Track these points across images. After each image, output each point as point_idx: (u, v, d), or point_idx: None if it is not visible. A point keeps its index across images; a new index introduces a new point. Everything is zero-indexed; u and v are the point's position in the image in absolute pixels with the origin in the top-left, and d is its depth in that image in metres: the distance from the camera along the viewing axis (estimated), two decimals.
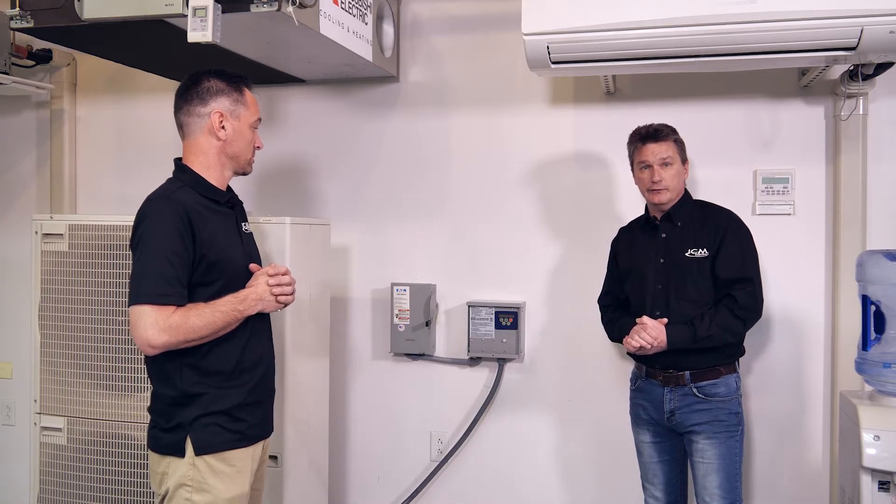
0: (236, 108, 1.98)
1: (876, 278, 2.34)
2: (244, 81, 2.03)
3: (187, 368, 1.89)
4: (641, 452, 2.51)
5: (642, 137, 2.40)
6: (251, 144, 2.03)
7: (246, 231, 2.09)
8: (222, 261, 1.92)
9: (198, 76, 1.99)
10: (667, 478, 2.48)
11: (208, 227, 1.90)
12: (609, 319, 2.56)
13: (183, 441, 1.87)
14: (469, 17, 3.05)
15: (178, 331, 1.81)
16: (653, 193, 2.39)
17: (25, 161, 3.56)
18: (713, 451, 2.32)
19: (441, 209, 3.10)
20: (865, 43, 2.12)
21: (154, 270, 1.81)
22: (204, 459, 1.87)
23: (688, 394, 2.35)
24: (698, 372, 2.34)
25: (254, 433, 2.00)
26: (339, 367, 3.15)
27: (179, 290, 1.83)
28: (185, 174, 1.97)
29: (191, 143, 1.98)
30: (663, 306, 2.37)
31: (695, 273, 2.35)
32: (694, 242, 2.37)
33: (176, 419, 1.89)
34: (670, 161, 2.36)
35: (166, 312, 1.80)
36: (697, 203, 2.48)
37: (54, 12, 2.27)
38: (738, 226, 2.40)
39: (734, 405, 2.36)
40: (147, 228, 1.85)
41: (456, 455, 3.07)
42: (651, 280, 2.41)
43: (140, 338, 1.81)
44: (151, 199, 1.92)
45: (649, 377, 2.43)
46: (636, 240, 2.52)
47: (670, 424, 2.39)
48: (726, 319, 2.31)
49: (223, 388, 1.92)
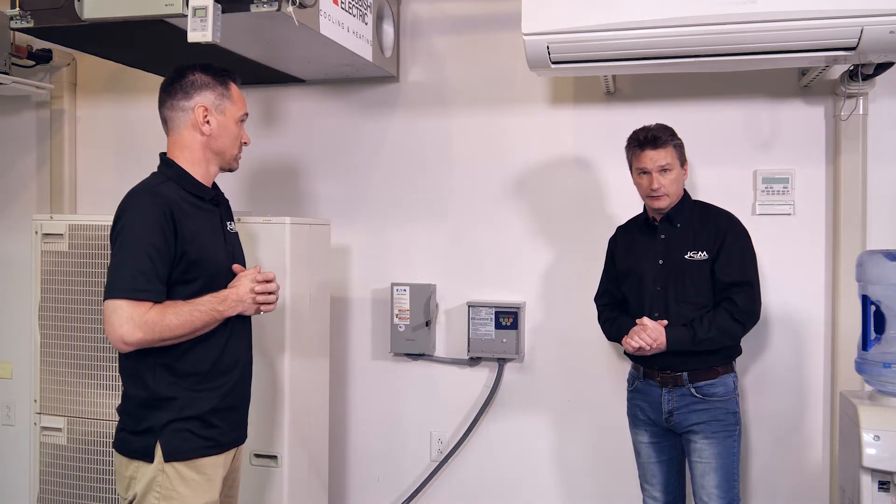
0: (221, 103, 1.93)
1: (876, 278, 2.34)
2: (230, 76, 1.98)
3: (161, 369, 1.82)
4: (639, 453, 2.51)
5: (640, 144, 2.37)
6: (237, 140, 1.97)
7: (231, 230, 2.03)
8: (203, 259, 1.85)
9: (182, 70, 1.94)
10: (665, 478, 2.47)
11: (191, 223, 1.84)
12: (606, 319, 2.55)
13: (152, 446, 1.80)
14: (469, 17, 3.05)
15: (155, 328, 1.74)
16: (652, 199, 2.38)
17: (25, 161, 3.56)
18: (711, 450, 2.33)
19: (441, 209, 3.10)
20: (865, 43, 2.12)
21: (131, 265, 1.75)
22: (173, 466, 1.80)
23: (686, 394, 2.35)
24: (696, 372, 2.34)
25: (226, 440, 1.92)
26: (339, 367, 3.15)
27: (157, 286, 1.77)
28: (169, 168, 1.91)
29: (175, 137, 1.94)
30: (662, 308, 2.36)
31: (694, 275, 2.34)
32: (693, 245, 2.36)
33: (146, 422, 1.82)
34: (669, 167, 2.34)
35: (143, 308, 1.74)
36: (697, 204, 2.47)
37: (54, 12, 2.27)
38: (738, 229, 2.40)
39: (732, 405, 2.37)
40: (127, 222, 1.80)
41: (456, 455, 3.07)
42: (650, 281, 2.40)
43: (114, 333, 1.73)
44: (134, 192, 1.87)
45: (647, 378, 2.43)
46: (635, 240, 2.51)
47: (668, 425, 2.39)
48: (725, 322, 2.30)
49: (197, 391, 1.85)
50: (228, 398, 1.92)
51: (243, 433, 2.02)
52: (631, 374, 2.53)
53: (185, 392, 1.83)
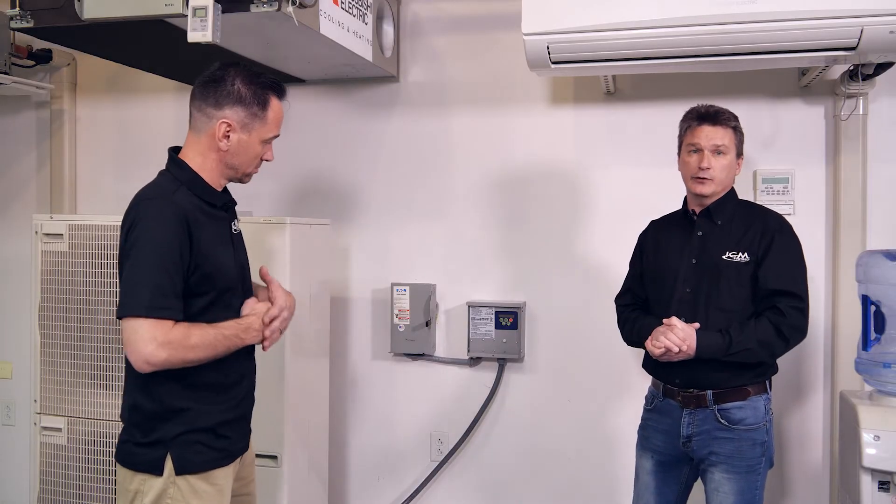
0: (250, 122, 1.81)
1: (876, 278, 2.34)
2: (275, 91, 1.85)
3: (172, 382, 1.74)
4: (638, 478, 2.26)
5: (699, 117, 2.13)
6: (256, 158, 1.87)
7: (235, 231, 1.94)
8: (215, 272, 1.78)
9: (225, 72, 1.81)
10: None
11: (204, 235, 1.76)
12: (626, 320, 2.28)
13: (162, 459, 1.73)
14: (469, 17, 3.05)
15: (179, 348, 1.66)
16: (696, 182, 2.12)
17: (25, 161, 3.56)
18: (730, 486, 2.05)
19: (441, 209, 3.09)
20: (865, 43, 2.12)
21: (149, 281, 1.66)
22: (185, 479, 1.74)
23: (709, 418, 2.07)
24: (722, 392, 2.06)
25: (236, 448, 1.88)
26: (339, 367, 3.15)
27: (176, 303, 1.69)
28: (181, 171, 1.81)
29: (193, 137, 1.83)
30: (689, 313, 2.08)
31: (731, 279, 2.07)
32: (735, 244, 2.09)
33: (156, 434, 1.74)
34: (724, 150, 2.10)
35: (165, 327, 1.65)
36: (743, 202, 2.23)
37: (54, 12, 2.27)
38: (789, 233, 2.12)
39: (761, 434, 2.07)
40: (142, 233, 1.70)
41: (456, 455, 3.07)
42: (679, 282, 2.13)
43: (137, 353, 1.64)
44: (148, 198, 1.76)
45: (667, 397, 2.16)
46: (667, 235, 2.25)
47: (685, 450, 2.12)
48: (768, 335, 2.02)
49: (209, 402, 1.79)
50: (238, 408, 1.88)
51: (248, 440, 1.99)
52: (650, 392, 2.26)
53: (196, 404, 1.77)
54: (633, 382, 2.81)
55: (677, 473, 2.19)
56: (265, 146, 1.88)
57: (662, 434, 2.17)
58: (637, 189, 2.84)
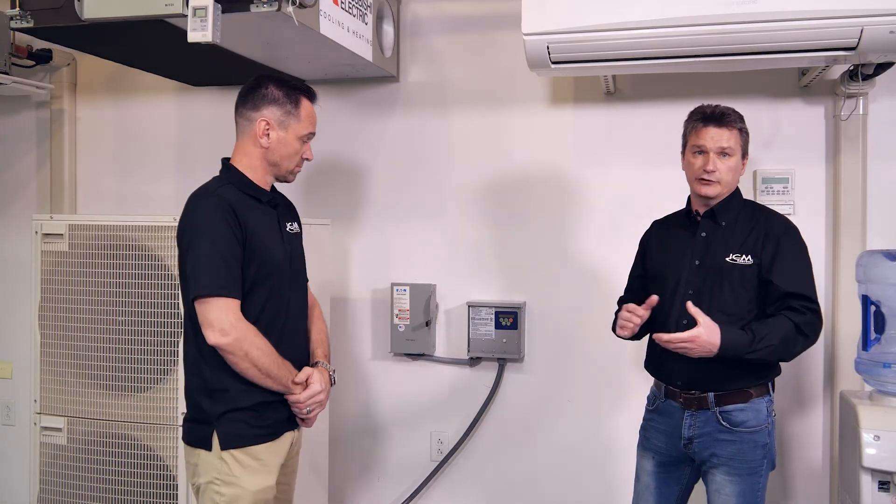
0: (286, 120, 2.00)
1: (876, 278, 2.34)
2: (305, 93, 2.05)
3: (217, 362, 1.88)
4: (639, 478, 2.25)
5: (705, 117, 2.10)
6: (296, 155, 2.05)
7: (291, 230, 2.11)
8: (263, 252, 1.94)
9: (259, 81, 2.02)
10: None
11: (251, 218, 1.93)
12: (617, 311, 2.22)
13: (210, 435, 1.90)
14: (469, 17, 3.05)
15: (246, 338, 1.84)
16: (700, 184, 2.09)
17: (25, 161, 3.56)
18: (732, 488, 2.05)
19: (441, 209, 3.09)
20: (865, 43, 2.12)
21: (207, 264, 1.85)
22: (230, 453, 1.89)
23: (710, 420, 2.06)
24: (724, 394, 2.05)
25: (279, 428, 2.00)
26: (339, 367, 3.15)
27: (234, 283, 1.87)
28: (230, 173, 2.01)
29: (239, 143, 2.03)
30: (691, 316, 2.02)
31: (735, 282, 2.05)
32: (738, 247, 2.07)
33: (202, 412, 1.92)
34: (730, 152, 2.07)
35: (234, 305, 1.85)
36: (748, 203, 2.20)
37: (54, 12, 2.27)
38: (796, 236, 2.10)
39: (762, 436, 2.06)
40: (197, 224, 1.89)
41: (456, 455, 3.07)
42: (681, 284, 2.11)
43: (212, 328, 1.82)
44: (197, 195, 1.96)
45: (669, 398, 2.15)
46: (670, 236, 2.23)
47: (686, 451, 2.12)
48: (789, 331, 1.98)
49: (249, 384, 1.91)
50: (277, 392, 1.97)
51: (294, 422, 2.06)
52: (652, 393, 2.25)
53: (236, 384, 1.90)
54: (632, 383, 2.81)
55: (678, 474, 2.19)
56: (303, 144, 2.07)
57: (664, 435, 2.17)
58: (637, 189, 2.84)
